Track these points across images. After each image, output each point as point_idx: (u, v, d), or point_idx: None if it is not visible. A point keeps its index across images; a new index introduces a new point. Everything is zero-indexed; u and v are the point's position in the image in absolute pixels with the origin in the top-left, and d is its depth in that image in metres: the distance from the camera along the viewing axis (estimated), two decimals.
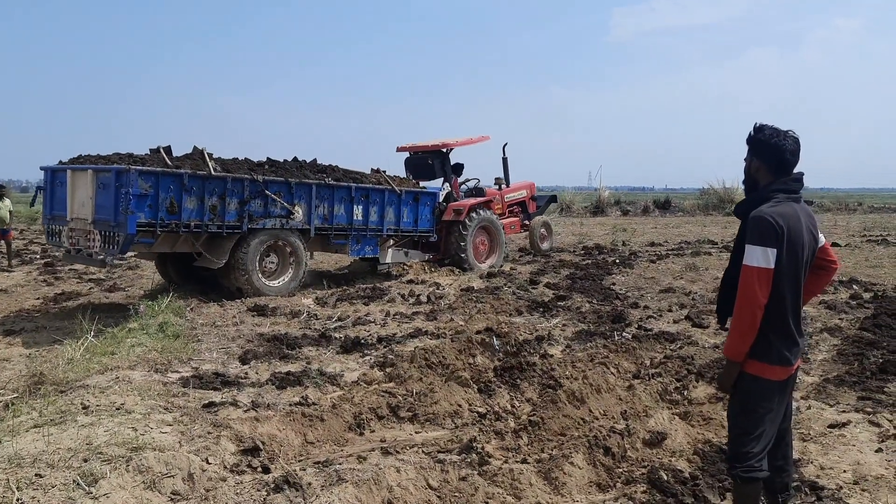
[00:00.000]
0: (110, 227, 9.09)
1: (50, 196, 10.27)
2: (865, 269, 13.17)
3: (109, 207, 9.08)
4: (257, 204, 10.23)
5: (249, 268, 10.15)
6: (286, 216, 10.56)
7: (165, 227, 9.33)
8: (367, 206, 11.75)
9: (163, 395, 5.41)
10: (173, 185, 9.34)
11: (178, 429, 4.66)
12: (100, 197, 9.25)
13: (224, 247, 10.02)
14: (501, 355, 6.58)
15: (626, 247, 18.61)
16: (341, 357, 6.88)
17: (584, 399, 5.03)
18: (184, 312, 8.72)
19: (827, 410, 5.15)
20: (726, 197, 38.56)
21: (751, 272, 2.91)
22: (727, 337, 3.08)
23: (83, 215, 9.52)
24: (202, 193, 9.63)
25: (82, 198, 9.53)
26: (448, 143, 14.07)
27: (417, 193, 12.66)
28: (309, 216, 10.88)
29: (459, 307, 9.30)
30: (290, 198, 10.61)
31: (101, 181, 9.24)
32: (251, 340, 7.47)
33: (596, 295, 10.40)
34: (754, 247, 2.91)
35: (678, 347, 7.05)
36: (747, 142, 3.15)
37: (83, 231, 9.54)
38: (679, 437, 4.49)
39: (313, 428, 4.67)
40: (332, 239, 11.48)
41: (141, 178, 9.00)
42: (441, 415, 4.99)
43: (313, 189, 10.88)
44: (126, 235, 8.91)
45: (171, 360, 6.53)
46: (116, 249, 9.13)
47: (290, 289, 10.69)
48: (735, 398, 3.14)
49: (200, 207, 9.62)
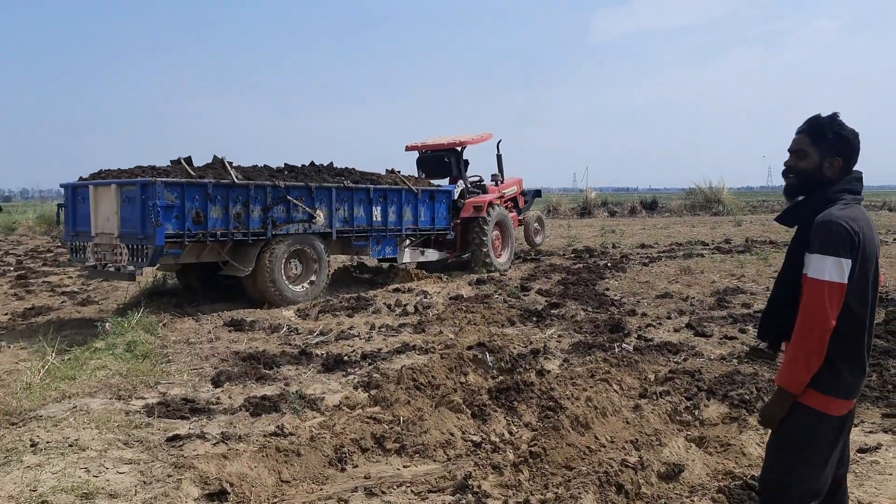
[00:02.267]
0: (138, 239, 9.11)
1: (72, 213, 10.16)
2: None
3: (136, 220, 9.09)
4: (280, 210, 10.27)
5: (275, 274, 10.12)
6: (308, 220, 10.62)
7: (193, 237, 9.33)
8: (385, 207, 11.85)
9: (123, 426, 4.90)
10: (198, 195, 9.38)
11: (137, 468, 4.18)
12: (125, 210, 9.26)
13: (250, 254, 10.02)
14: (495, 372, 6.12)
15: (617, 249, 18.20)
16: (322, 377, 6.38)
17: (589, 424, 4.56)
18: (156, 329, 8.19)
19: (853, 431, 4.70)
20: (712, 197, 38.33)
21: (820, 287, 2.42)
22: (784, 364, 2.55)
23: (109, 230, 9.50)
24: (226, 202, 9.65)
25: (107, 212, 9.52)
26: (464, 141, 14.21)
27: (433, 192, 12.83)
28: (330, 219, 10.96)
29: (448, 318, 8.82)
30: (312, 202, 10.67)
31: (125, 195, 9.25)
32: (226, 359, 6.96)
33: (590, 302, 9.96)
34: (825, 257, 2.42)
35: (683, 360, 6.61)
36: (816, 134, 2.64)
37: (109, 246, 9.52)
38: (697, 469, 4.04)
39: (289, 464, 4.17)
40: (354, 241, 11.59)
41: (167, 190, 9.04)
42: (432, 445, 4.50)
43: (333, 192, 10.96)
44: (155, 247, 8.95)
45: (137, 384, 6.01)
46: (146, 262, 9.16)
47: (315, 293, 10.69)
48: (781, 433, 2.62)
49: (225, 216, 9.65)
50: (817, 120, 2.66)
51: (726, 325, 8.12)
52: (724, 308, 9.25)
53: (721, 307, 9.32)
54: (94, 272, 10.26)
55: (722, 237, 20.95)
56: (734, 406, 5.13)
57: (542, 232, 16.42)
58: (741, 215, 34.15)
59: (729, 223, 28.04)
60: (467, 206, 13.63)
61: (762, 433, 4.60)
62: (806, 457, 2.55)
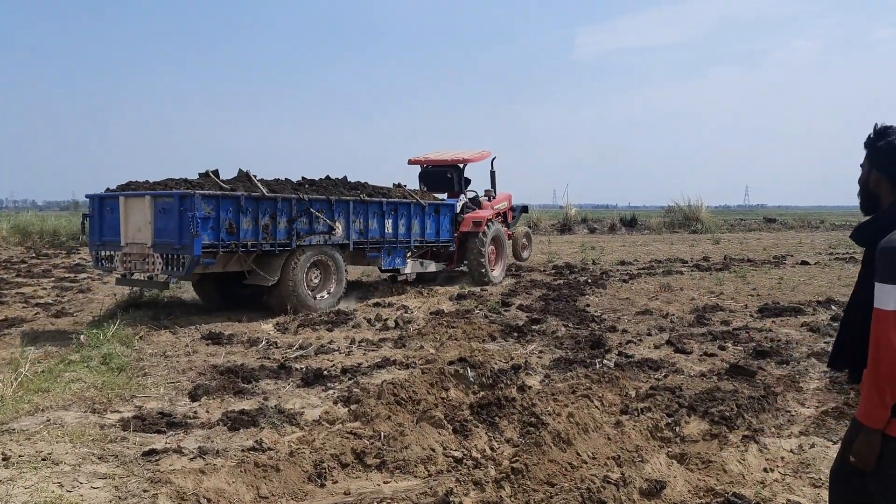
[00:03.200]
0: (174, 249, 9.42)
1: (99, 223, 10.40)
2: (839, 289, 12.96)
3: (172, 231, 9.41)
4: (303, 222, 10.67)
5: (298, 283, 10.49)
6: (328, 232, 11.05)
7: (226, 247, 9.68)
8: (396, 220, 12.38)
9: (98, 440, 4.82)
10: (231, 207, 9.75)
11: (112, 483, 4.10)
12: (159, 221, 9.58)
13: (275, 264, 10.39)
14: (477, 388, 6.09)
15: (597, 266, 18.28)
16: (302, 391, 6.30)
17: (571, 440, 4.54)
18: (132, 341, 8.07)
19: (832, 449, 4.73)
20: (691, 215, 38.71)
21: (885, 318, 2.25)
22: (861, 398, 2.39)
23: (140, 240, 9.80)
24: (256, 214, 10.03)
25: (138, 223, 9.81)
26: (466, 158, 14.90)
27: (438, 206, 13.41)
28: (347, 231, 11.41)
29: (429, 333, 8.78)
30: (331, 214, 11.12)
31: (161, 206, 9.58)
32: (203, 373, 6.86)
33: (571, 317, 9.97)
34: (887, 286, 2.26)
35: (664, 376, 6.63)
36: (865, 146, 2.55)
37: (140, 255, 9.83)
38: (679, 486, 4.02)
39: (267, 480, 4.11)
40: (368, 252, 12.03)
41: (204, 202, 9.37)
42: (412, 461, 4.46)
43: (350, 205, 11.44)
44: (192, 257, 9.25)
45: (112, 397, 5.91)
46: (182, 271, 9.46)
47: (334, 302, 11.08)
48: (882, 471, 2.39)
49: (255, 227, 10.03)
50: (874, 129, 2.53)
51: (706, 342, 8.16)
52: (703, 325, 9.30)
53: (700, 324, 9.37)
54: (122, 281, 10.65)
55: (700, 255, 21.10)
56: (715, 423, 5.14)
57: (530, 247, 16.72)
58: (719, 233, 34.46)
59: (707, 241, 28.28)
60: (467, 220, 14.08)
61: (743, 450, 4.61)
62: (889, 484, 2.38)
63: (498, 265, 14.84)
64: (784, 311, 10.19)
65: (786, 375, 6.59)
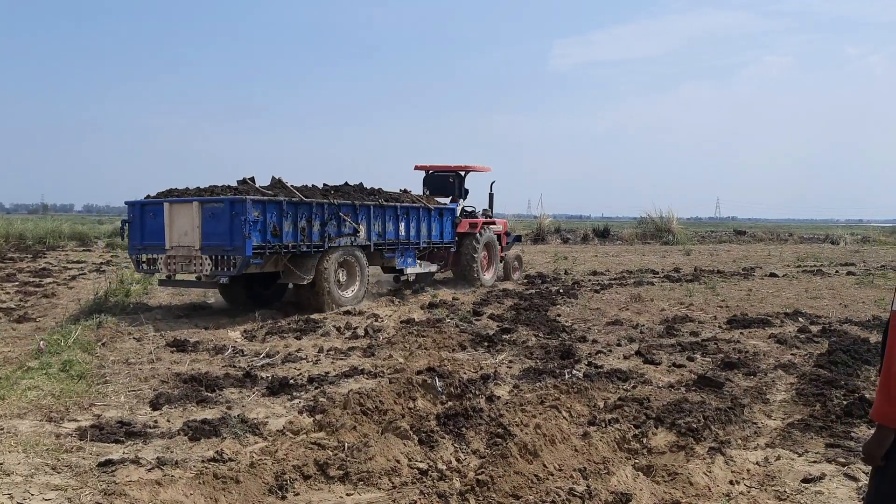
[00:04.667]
0: (225, 251, 10.19)
1: (140, 228, 11.10)
2: (807, 301, 13.12)
3: (223, 234, 10.16)
4: (332, 225, 11.50)
5: (330, 281, 11.33)
6: (353, 234, 11.94)
7: (272, 248, 10.45)
8: (408, 223, 13.35)
9: (53, 450, 4.68)
10: (275, 211, 10.53)
11: (65, 495, 3.98)
12: (208, 225, 10.33)
13: (308, 264, 11.18)
14: (444, 398, 6.03)
15: (569, 276, 18.33)
16: (267, 400, 6.19)
17: (538, 452, 4.49)
18: (94, 348, 7.90)
19: (797, 461, 4.74)
20: (663, 226, 39.01)
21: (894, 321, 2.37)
22: (876, 396, 2.46)
23: (187, 243, 10.50)
24: (295, 217, 10.85)
25: (184, 227, 10.51)
26: (468, 167, 16.00)
27: (442, 209, 14.41)
28: (368, 233, 12.31)
29: (399, 342, 8.70)
30: (356, 218, 12.01)
31: (209, 211, 10.33)
32: (166, 381, 6.71)
33: (541, 327, 9.94)
34: None
35: (632, 387, 6.61)
36: None
37: (186, 257, 10.54)
38: (644, 498, 3.99)
39: (227, 492, 4.00)
40: (385, 253, 12.93)
41: (253, 207, 10.10)
42: (376, 472, 4.38)
43: (371, 210, 12.35)
44: (243, 258, 10.02)
45: (70, 405, 5.76)
46: (233, 270, 10.22)
47: (359, 299, 12.00)
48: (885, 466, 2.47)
49: (294, 230, 10.84)
50: None
51: (675, 353, 8.17)
52: (672, 336, 9.33)
53: (670, 335, 9.40)
54: (165, 282, 11.50)
55: (671, 266, 21.26)
56: (682, 434, 5.12)
57: (520, 270, 17.57)
58: (690, 245, 34.78)
59: (678, 252, 28.51)
60: (463, 223, 15.15)
61: (709, 462, 4.59)
62: None
63: (490, 270, 15.84)
64: (752, 322, 10.26)
65: (753, 387, 6.61)
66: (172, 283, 11.39)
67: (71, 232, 31.09)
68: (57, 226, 31.76)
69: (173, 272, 10.82)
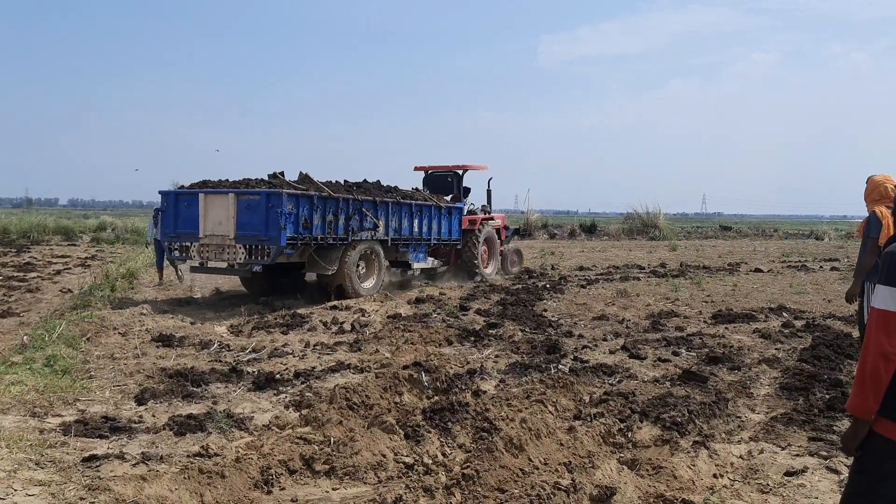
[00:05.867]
0: (260, 241, 10.75)
1: (173, 216, 11.53)
2: (791, 296, 13.23)
3: (258, 225, 10.70)
4: (356, 219, 12.12)
5: (352, 272, 11.98)
6: (374, 229, 12.53)
7: (303, 240, 11.03)
8: (421, 220, 13.95)
9: (36, 445, 4.64)
10: (307, 205, 11.10)
11: (49, 490, 3.95)
12: (243, 216, 10.87)
13: (333, 256, 11.81)
14: (431, 392, 6.04)
15: (556, 271, 18.40)
16: (253, 395, 6.18)
17: (523, 446, 4.51)
18: (78, 343, 7.83)
19: (780, 454, 4.78)
20: (649, 222, 39.20)
21: (872, 314, 2.48)
22: (852, 389, 2.55)
23: (221, 232, 11.03)
24: (324, 211, 11.44)
25: (219, 217, 11.02)
26: (465, 166, 16.52)
27: (451, 208, 14.99)
28: (386, 229, 12.87)
29: (386, 336, 8.70)
30: (376, 213, 12.58)
31: (245, 203, 10.87)
32: (152, 376, 6.68)
33: (528, 322, 9.97)
34: (881, 286, 2.47)
35: (617, 381, 6.65)
36: None
37: (219, 246, 11.09)
38: (629, 492, 4.02)
39: (212, 486, 3.99)
40: (400, 247, 13.59)
41: (288, 200, 10.63)
42: (363, 467, 4.38)
43: (389, 206, 12.94)
44: (278, 248, 10.63)
45: (54, 401, 5.72)
46: (267, 259, 10.79)
47: (377, 289, 12.56)
48: (856, 460, 2.60)
49: (323, 223, 11.42)
50: None
51: (660, 348, 8.22)
52: (658, 331, 9.38)
53: (655, 330, 9.45)
54: (197, 269, 11.95)
55: (658, 261, 21.37)
56: (666, 428, 5.16)
57: (519, 263, 17.98)
58: (676, 240, 34.95)
59: (664, 248, 28.67)
60: (464, 219, 15.67)
61: (693, 455, 4.63)
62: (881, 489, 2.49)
63: (490, 264, 16.39)
64: (737, 317, 10.34)
65: (737, 381, 6.67)
66: (204, 269, 11.82)
67: (56, 226, 30.88)
68: (41, 220, 31.51)
69: (206, 259, 11.33)
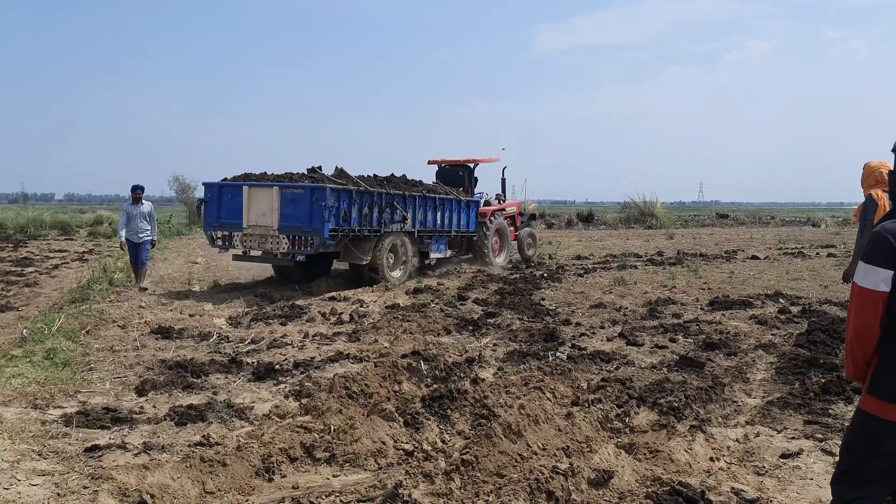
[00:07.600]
0: (304, 232, 11.33)
1: (217, 207, 12.03)
2: (788, 283, 13.28)
3: (302, 216, 11.28)
4: (387, 212, 12.72)
5: (383, 262, 12.67)
6: (402, 221, 13.19)
7: (342, 231, 11.62)
8: (443, 212, 14.66)
9: (38, 436, 4.69)
10: (346, 198, 11.73)
11: (52, 480, 3.99)
12: (286, 208, 11.42)
13: (366, 246, 12.41)
14: (429, 381, 6.08)
15: (553, 260, 18.44)
16: (253, 385, 6.22)
17: (521, 432, 4.55)
18: (78, 336, 7.85)
19: (776, 437, 4.84)
20: (647, 210, 39.26)
21: (853, 290, 2.59)
22: None
23: (265, 223, 11.60)
24: (361, 205, 12.09)
25: (262, 209, 11.58)
26: (476, 159, 17.18)
27: (469, 201, 15.72)
28: (413, 221, 13.55)
29: (384, 327, 8.72)
30: (405, 206, 13.24)
31: (289, 196, 11.41)
32: (152, 368, 6.71)
33: (526, 311, 10.01)
34: (862, 263, 2.56)
35: (615, 368, 6.70)
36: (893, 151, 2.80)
37: (262, 236, 11.68)
38: (627, 475, 4.06)
39: (214, 475, 4.03)
40: (425, 239, 14.27)
41: (330, 194, 11.22)
42: (363, 454, 4.43)
43: (416, 199, 13.64)
44: (321, 239, 11.21)
45: (55, 393, 5.75)
46: (310, 250, 11.39)
47: (403, 279, 13.16)
48: (846, 435, 2.71)
49: (359, 216, 12.03)
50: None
51: (657, 335, 8.26)
52: (655, 318, 9.42)
53: (652, 317, 9.49)
54: (239, 257, 12.53)
55: (655, 250, 21.41)
56: (663, 413, 5.21)
57: (534, 246, 18.54)
58: (673, 229, 35.00)
59: (661, 236, 28.72)
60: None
61: (690, 440, 4.68)
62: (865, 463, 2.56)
63: (501, 254, 16.97)
64: (734, 304, 10.39)
65: (733, 367, 6.72)
66: (246, 258, 12.34)
67: (52, 221, 30.83)
68: (38, 215, 31.44)
69: (248, 249, 11.87)
